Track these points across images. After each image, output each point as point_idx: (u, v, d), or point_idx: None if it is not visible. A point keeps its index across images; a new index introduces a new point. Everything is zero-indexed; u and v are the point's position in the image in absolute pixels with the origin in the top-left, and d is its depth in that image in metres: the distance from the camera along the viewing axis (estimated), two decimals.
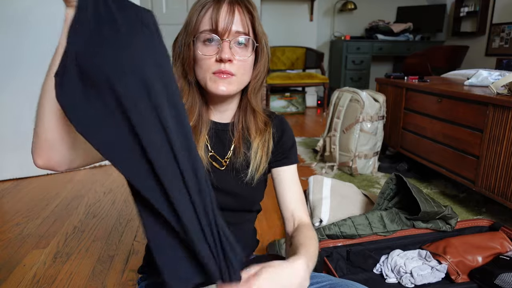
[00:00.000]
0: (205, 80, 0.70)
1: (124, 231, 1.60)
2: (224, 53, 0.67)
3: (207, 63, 0.69)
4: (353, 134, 2.28)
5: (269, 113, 0.83)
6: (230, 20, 0.67)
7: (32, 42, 2.08)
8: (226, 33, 0.67)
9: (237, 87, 0.72)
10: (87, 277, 1.28)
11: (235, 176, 0.76)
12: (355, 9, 4.83)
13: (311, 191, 1.61)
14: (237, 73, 0.70)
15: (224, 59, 0.67)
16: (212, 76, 0.69)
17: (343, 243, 1.25)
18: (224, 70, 0.68)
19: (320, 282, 0.76)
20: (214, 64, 0.69)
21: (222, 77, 0.69)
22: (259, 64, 0.74)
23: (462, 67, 4.13)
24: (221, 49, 0.67)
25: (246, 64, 0.71)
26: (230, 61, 0.68)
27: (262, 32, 0.73)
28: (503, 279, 1.06)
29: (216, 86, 0.69)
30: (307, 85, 4.47)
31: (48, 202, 1.90)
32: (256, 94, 0.77)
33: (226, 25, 0.67)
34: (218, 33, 0.67)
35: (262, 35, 0.72)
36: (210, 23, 0.67)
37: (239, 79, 0.71)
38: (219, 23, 0.67)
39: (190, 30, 0.70)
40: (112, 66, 0.41)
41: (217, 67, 0.68)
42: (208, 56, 0.68)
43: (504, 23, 3.85)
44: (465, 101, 1.75)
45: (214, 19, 0.67)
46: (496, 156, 1.57)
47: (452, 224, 1.33)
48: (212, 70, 0.69)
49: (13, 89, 2.11)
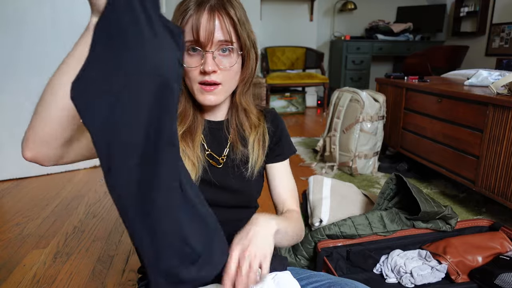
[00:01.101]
0: (193, 91, 0.70)
1: (124, 231, 1.60)
2: (208, 65, 0.66)
3: (192, 74, 0.68)
4: (353, 134, 2.28)
5: (261, 108, 0.84)
6: (212, 29, 0.65)
7: (32, 42, 2.08)
8: (208, 43, 0.65)
9: (224, 96, 0.72)
10: (87, 277, 1.28)
11: (234, 172, 0.77)
12: (355, 9, 4.83)
13: (311, 191, 1.61)
14: (223, 82, 0.70)
15: (207, 71, 0.66)
16: (199, 87, 0.69)
17: (343, 243, 1.25)
18: (209, 81, 0.68)
19: (319, 281, 0.76)
20: (199, 75, 0.68)
21: (208, 89, 0.69)
22: (246, 68, 0.73)
23: (462, 67, 4.13)
24: (204, 61, 0.66)
25: (232, 71, 0.70)
26: (214, 71, 0.67)
27: (248, 33, 0.70)
28: (503, 279, 1.06)
29: (203, 97, 0.70)
30: (307, 85, 4.47)
31: (48, 202, 1.90)
32: (245, 94, 0.77)
33: (207, 36, 0.65)
34: (200, 44, 0.66)
35: (246, 38, 0.70)
36: (191, 33, 0.65)
37: (225, 88, 0.71)
38: (200, 33, 0.65)
39: None
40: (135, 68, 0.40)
41: (202, 78, 0.68)
42: (193, 68, 0.68)
43: (504, 23, 3.85)
44: (465, 101, 1.75)
45: (195, 29, 0.65)
46: (496, 156, 1.57)
47: (452, 224, 1.33)
48: (198, 80, 0.69)
49: (13, 89, 2.11)
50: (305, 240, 1.29)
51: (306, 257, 1.29)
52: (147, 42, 0.41)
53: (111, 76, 0.40)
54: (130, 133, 0.41)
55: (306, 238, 1.30)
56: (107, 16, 0.40)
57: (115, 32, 0.40)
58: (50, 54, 2.13)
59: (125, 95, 0.40)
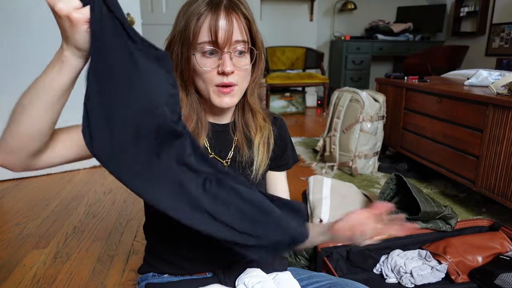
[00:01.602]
0: (208, 93, 0.69)
1: (124, 231, 1.60)
2: (226, 66, 0.65)
3: (209, 76, 0.67)
4: (353, 134, 2.28)
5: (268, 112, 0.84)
6: (230, 30, 0.64)
7: (32, 42, 2.08)
8: (227, 44, 0.65)
9: (238, 97, 0.72)
10: (87, 277, 1.28)
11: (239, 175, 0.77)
12: (355, 9, 4.83)
13: (311, 191, 1.61)
14: (239, 82, 0.69)
15: (227, 72, 0.65)
16: (215, 89, 0.68)
17: (343, 243, 1.25)
18: (227, 83, 0.67)
19: (319, 282, 0.76)
20: (216, 77, 0.67)
21: (226, 91, 0.68)
22: (257, 68, 0.73)
23: (462, 67, 4.13)
24: (222, 62, 0.65)
25: (246, 72, 0.70)
26: (232, 72, 0.67)
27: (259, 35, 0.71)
28: (503, 279, 1.06)
29: (220, 100, 0.69)
30: (307, 85, 4.47)
31: (48, 202, 1.90)
32: (254, 95, 0.77)
33: (226, 36, 0.64)
34: (218, 45, 0.65)
35: (259, 39, 0.70)
36: (209, 34, 0.64)
37: (240, 88, 0.71)
38: (219, 34, 0.64)
39: (188, 42, 0.65)
40: (136, 109, 0.48)
41: (220, 79, 0.67)
42: (210, 69, 0.66)
43: (504, 23, 3.85)
44: (465, 101, 1.75)
45: (213, 30, 0.64)
46: (496, 156, 1.57)
47: (452, 224, 1.33)
48: (215, 83, 0.67)
49: (13, 89, 2.10)
50: None
51: (306, 257, 1.29)
52: (135, 83, 0.47)
53: (116, 126, 0.47)
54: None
55: None
56: (95, 60, 0.47)
57: (106, 76, 0.47)
58: (51, 54, 2.13)
59: (133, 143, 0.48)
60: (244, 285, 0.70)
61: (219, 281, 0.76)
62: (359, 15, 4.98)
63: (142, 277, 0.90)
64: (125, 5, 2.24)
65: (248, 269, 0.73)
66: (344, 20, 5.04)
